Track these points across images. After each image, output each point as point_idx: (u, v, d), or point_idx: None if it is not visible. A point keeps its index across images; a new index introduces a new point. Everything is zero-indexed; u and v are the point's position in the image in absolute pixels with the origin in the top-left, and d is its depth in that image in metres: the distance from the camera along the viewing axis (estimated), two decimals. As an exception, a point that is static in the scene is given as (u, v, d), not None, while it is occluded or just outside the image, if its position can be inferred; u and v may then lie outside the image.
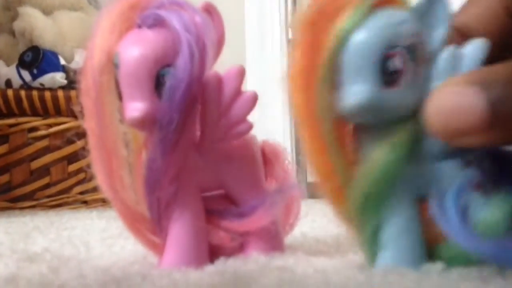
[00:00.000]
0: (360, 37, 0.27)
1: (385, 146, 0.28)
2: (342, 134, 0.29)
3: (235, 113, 0.33)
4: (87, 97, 0.33)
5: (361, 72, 0.27)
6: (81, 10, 1.12)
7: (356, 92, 0.27)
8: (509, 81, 0.24)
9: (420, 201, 0.29)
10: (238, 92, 0.33)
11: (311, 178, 0.31)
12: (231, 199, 0.36)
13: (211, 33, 0.33)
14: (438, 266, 0.28)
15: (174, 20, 0.32)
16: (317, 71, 0.28)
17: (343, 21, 0.27)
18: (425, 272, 0.27)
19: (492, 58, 0.28)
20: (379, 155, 0.28)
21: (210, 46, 0.32)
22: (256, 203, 0.35)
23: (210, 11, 0.34)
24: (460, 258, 0.28)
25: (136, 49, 0.31)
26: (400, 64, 0.27)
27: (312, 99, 0.28)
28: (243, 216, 0.35)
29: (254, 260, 0.33)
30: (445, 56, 0.28)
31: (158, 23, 0.32)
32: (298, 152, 1.09)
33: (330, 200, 0.30)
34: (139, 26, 0.32)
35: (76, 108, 0.33)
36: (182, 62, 0.31)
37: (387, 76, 0.27)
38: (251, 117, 0.35)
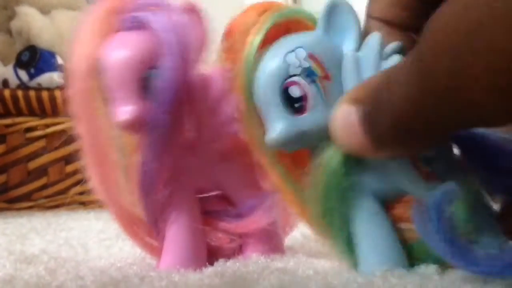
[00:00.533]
0: (258, 79, 0.29)
1: (321, 163, 0.28)
2: (288, 159, 0.31)
3: (225, 111, 0.33)
4: (75, 103, 0.32)
5: (270, 109, 0.28)
6: (79, 10, 1.11)
7: (271, 129, 0.28)
8: (378, 92, 0.25)
9: (386, 201, 0.29)
10: (226, 90, 0.33)
11: None
12: (228, 199, 0.36)
13: (194, 32, 0.32)
14: (433, 268, 0.27)
15: (152, 21, 0.32)
16: (242, 106, 0.30)
17: (242, 67, 0.29)
18: (425, 274, 0.27)
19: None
20: (318, 173, 0.28)
21: (194, 46, 0.32)
22: (254, 203, 0.35)
23: (191, 9, 0.33)
24: (432, 256, 0.28)
25: (120, 53, 0.31)
26: (299, 91, 0.28)
27: (250, 138, 0.31)
28: (241, 217, 0.35)
29: (254, 261, 0.33)
30: (344, 63, 0.29)
31: (140, 25, 0.32)
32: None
33: (297, 214, 0.32)
34: (122, 29, 0.32)
35: (65, 112, 0.33)
36: (167, 63, 0.31)
37: (292, 105, 0.28)
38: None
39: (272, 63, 0.28)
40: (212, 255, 0.35)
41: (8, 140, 0.97)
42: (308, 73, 0.28)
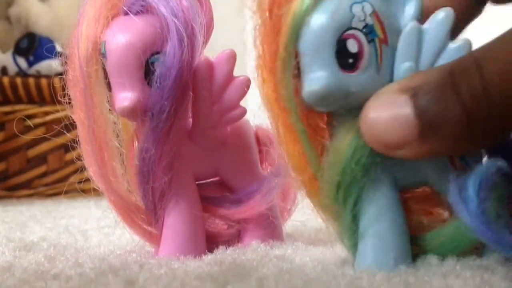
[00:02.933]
0: (314, 22, 0.26)
1: (351, 133, 0.27)
2: (311, 123, 0.28)
3: (228, 98, 0.33)
4: (75, 88, 0.32)
5: (318, 58, 0.26)
6: (78, -3, 1.11)
7: (314, 78, 0.26)
8: (439, 86, 0.23)
9: (403, 189, 0.28)
10: (230, 77, 0.33)
11: None
12: (227, 186, 0.36)
13: (199, 17, 0.32)
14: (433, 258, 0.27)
15: (161, 5, 0.31)
16: (277, 59, 0.27)
17: (296, 6, 0.26)
18: (425, 262, 0.27)
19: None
20: (345, 142, 0.27)
21: (199, 31, 0.32)
22: (252, 189, 0.35)
23: None
24: (443, 248, 0.27)
25: (123, 37, 0.30)
26: (356, 47, 0.26)
27: (277, 89, 0.27)
28: (240, 202, 0.35)
29: (253, 249, 0.33)
30: (405, 34, 0.27)
31: (145, 9, 0.32)
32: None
33: (305, 192, 0.29)
34: (125, 13, 0.32)
35: (65, 99, 0.33)
36: (171, 49, 0.30)
37: (344, 60, 0.26)
38: (249, 104, 0.34)
39: (335, 9, 0.26)
40: (211, 241, 0.35)
41: (7, 127, 0.97)
42: (369, 31, 0.26)
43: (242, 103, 0.34)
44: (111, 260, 0.31)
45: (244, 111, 0.34)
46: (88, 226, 0.51)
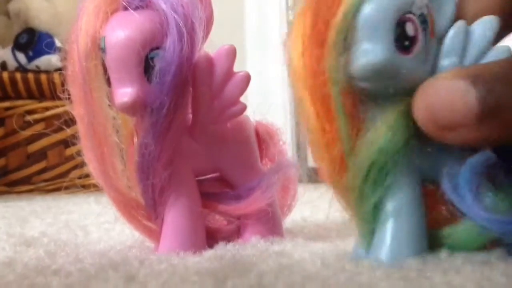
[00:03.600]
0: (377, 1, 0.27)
1: (392, 115, 0.27)
2: (349, 100, 0.28)
3: (228, 94, 0.33)
4: (74, 83, 0.32)
5: (376, 33, 0.26)
6: (77, -8, 1.11)
7: (370, 51, 0.26)
8: (499, 76, 0.24)
9: (424, 183, 0.28)
10: (230, 72, 0.33)
11: (312, 162, 0.30)
12: (227, 182, 0.36)
13: (199, 12, 0.32)
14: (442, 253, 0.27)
15: (160, 1, 0.31)
16: (329, 31, 0.27)
17: None
18: (426, 259, 0.27)
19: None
20: (385, 124, 0.27)
21: (199, 26, 0.32)
22: (252, 185, 0.35)
23: None
24: (463, 243, 0.27)
25: (123, 32, 0.30)
26: (413, 31, 0.26)
27: (321, 60, 0.27)
28: (240, 198, 0.35)
29: (252, 245, 0.33)
30: (453, 32, 0.28)
31: (144, 4, 0.31)
32: (298, 136, 1.09)
33: (329, 171, 0.28)
34: (125, 8, 0.31)
35: (64, 95, 0.32)
36: (171, 44, 0.30)
37: (401, 41, 0.26)
38: (252, 103, 0.34)
39: None
40: (210, 237, 0.35)
41: (7, 123, 0.97)
42: (423, 20, 0.27)
43: (242, 99, 0.34)
44: (111, 256, 0.31)
45: (244, 107, 0.34)
46: (88, 222, 0.52)
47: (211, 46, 0.34)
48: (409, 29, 0.26)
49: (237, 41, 0.32)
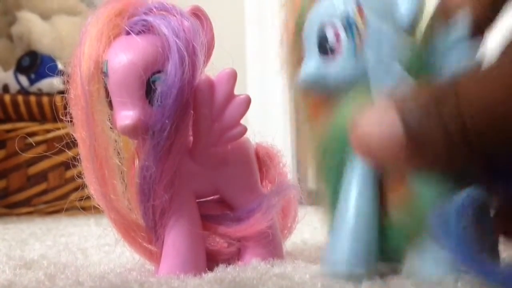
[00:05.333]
0: (309, 15, 0.31)
1: (342, 107, 0.29)
2: (310, 100, 0.32)
3: (229, 117, 0.33)
4: (76, 106, 0.32)
5: (308, 48, 0.30)
6: (80, 15, 1.12)
7: (302, 69, 0.30)
8: (424, 107, 0.24)
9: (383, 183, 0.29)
10: (230, 95, 0.33)
11: (312, 184, 0.31)
12: (227, 204, 0.36)
13: (200, 37, 0.32)
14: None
15: (162, 25, 0.31)
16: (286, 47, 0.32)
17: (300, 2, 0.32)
18: (427, 278, 0.27)
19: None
20: (336, 115, 0.29)
21: (200, 50, 0.32)
22: (252, 207, 0.35)
23: (198, 14, 0.33)
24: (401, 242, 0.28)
25: (125, 56, 0.31)
26: (332, 33, 0.29)
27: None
28: (240, 220, 0.35)
29: (253, 267, 0.33)
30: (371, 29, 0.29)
31: (146, 29, 0.32)
32: (298, 159, 1.09)
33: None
34: (127, 33, 0.32)
35: (66, 117, 0.33)
36: (172, 68, 0.31)
37: (323, 47, 0.30)
38: (253, 125, 0.34)
39: (322, 4, 0.30)
40: (211, 259, 0.35)
41: (8, 145, 0.97)
42: (349, 22, 0.29)
43: (242, 121, 0.34)
44: (111, 278, 0.31)
45: (244, 130, 0.34)
46: (88, 244, 0.51)
47: (212, 69, 0.34)
48: (329, 35, 0.29)
49: (238, 64, 0.33)
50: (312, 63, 0.30)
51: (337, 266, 0.28)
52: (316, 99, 0.32)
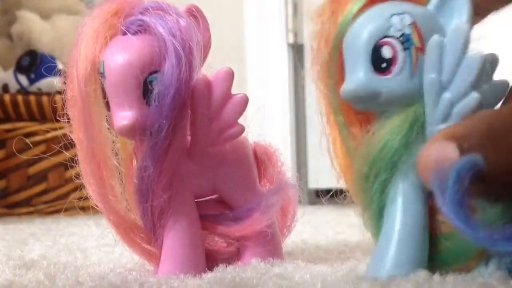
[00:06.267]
0: (355, 28, 0.30)
1: (383, 130, 0.29)
2: (352, 117, 0.32)
3: (226, 116, 0.33)
4: (73, 107, 0.32)
5: (356, 61, 0.29)
6: (79, 14, 1.11)
7: (349, 80, 0.29)
8: (482, 136, 0.25)
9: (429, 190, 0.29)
10: (227, 94, 0.33)
11: (312, 184, 0.31)
12: (226, 203, 0.36)
13: (197, 36, 0.32)
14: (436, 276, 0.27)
15: (159, 25, 0.31)
16: (324, 57, 0.31)
17: (343, 13, 0.30)
18: (425, 280, 0.27)
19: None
20: (377, 138, 0.29)
21: (196, 50, 0.32)
22: (251, 206, 0.35)
23: (194, 13, 0.33)
24: (460, 248, 0.28)
25: (121, 57, 0.31)
26: (390, 53, 0.29)
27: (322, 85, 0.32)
28: (239, 220, 0.35)
29: (253, 267, 0.33)
30: (429, 45, 0.29)
31: (142, 29, 0.32)
32: (299, 158, 1.09)
33: (343, 181, 0.32)
34: (124, 33, 0.32)
35: (64, 118, 0.33)
36: (169, 68, 0.31)
37: (378, 64, 0.29)
38: (253, 126, 0.34)
39: (375, 19, 0.29)
40: (210, 259, 0.35)
41: (8, 145, 0.97)
42: (406, 40, 0.29)
43: (240, 120, 0.34)
44: (111, 279, 0.31)
45: (242, 129, 0.34)
46: (88, 244, 0.51)
47: (209, 69, 0.34)
48: (385, 52, 0.29)
49: (236, 63, 0.33)
50: (362, 75, 0.29)
51: (379, 274, 0.28)
52: (358, 111, 0.31)
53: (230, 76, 0.33)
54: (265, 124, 0.38)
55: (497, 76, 0.29)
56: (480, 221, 0.25)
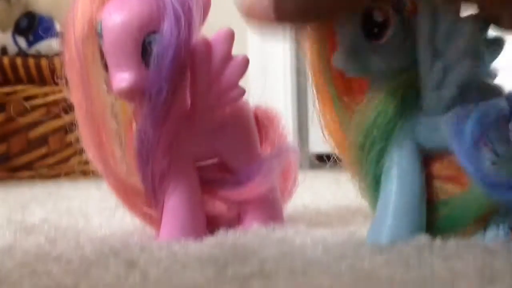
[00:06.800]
0: None
1: (375, 99, 0.29)
2: (344, 87, 0.31)
3: (227, 78, 0.32)
4: (71, 69, 0.32)
5: (344, 29, 0.29)
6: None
7: (341, 48, 0.29)
8: None
9: (430, 153, 0.29)
10: (228, 56, 0.32)
11: (313, 148, 0.31)
12: (226, 167, 0.35)
13: None
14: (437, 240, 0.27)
15: None
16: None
17: None
18: (426, 244, 0.27)
19: None
20: (369, 107, 0.29)
21: (196, 9, 0.31)
22: (252, 170, 0.34)
23: None
24: (459, 214, 0.28)
25: (119, 17, 0.30)
26: (381, 17, 0.28)
27: (314, 53, 0.31)
28: (240, 184, 0.34)
29: (253, 231, 0.33)
30: (422, 14, 0.27)
31: None
32: (300, 123, 1.09)
33: (337, 152, 0.32)
34: None
35: (62, 80, 0.32)
36: (168, 28, 0.30)
37: (370, 29, 0.28)
38: (254, 89, 0.34)
39: None
40: (211, 223, 0.35)
41: (7, 108, 0.96)
42: (397, 1, 0.28)
43: (241, 82, 0.33)
44: (112, 242, 0.31)
45: (243, 92, 0.33)
46: (89, 208, 0.51)
47: (209, 29, 0.33)
48: (376, 16, 0.28)
49: (238, 24, 0.32)
50: (352, 44, 0.28)
51: (378, 239, 0.28)
52: (350, 81, 0.31)
53: (230, 37, 0.32)
54: (266, 87, 0.37)
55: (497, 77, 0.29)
56: (494, 170, 0.25)
